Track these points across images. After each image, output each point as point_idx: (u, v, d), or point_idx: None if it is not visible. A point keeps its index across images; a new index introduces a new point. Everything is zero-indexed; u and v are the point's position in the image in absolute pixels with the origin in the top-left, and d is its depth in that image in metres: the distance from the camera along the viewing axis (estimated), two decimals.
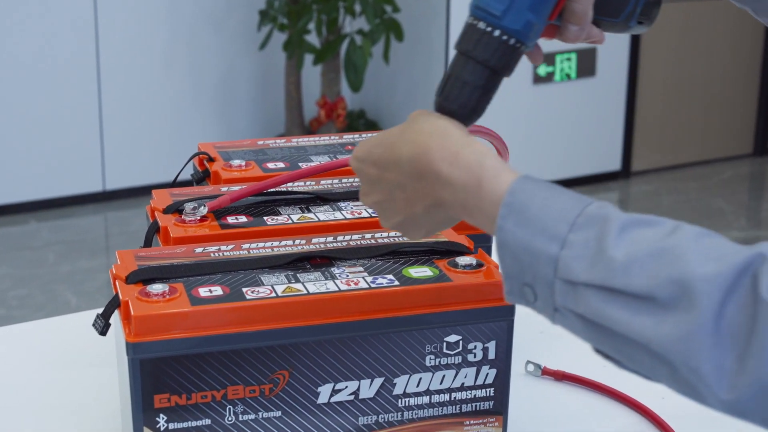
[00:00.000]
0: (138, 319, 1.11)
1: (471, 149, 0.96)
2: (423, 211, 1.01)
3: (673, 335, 0.80)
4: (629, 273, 0.82)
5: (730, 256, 0.81)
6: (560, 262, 0.86)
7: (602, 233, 0.85)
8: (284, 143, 1.63)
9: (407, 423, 1.22)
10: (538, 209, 0.89)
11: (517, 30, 1.02)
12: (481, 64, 1.03)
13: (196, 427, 1.15)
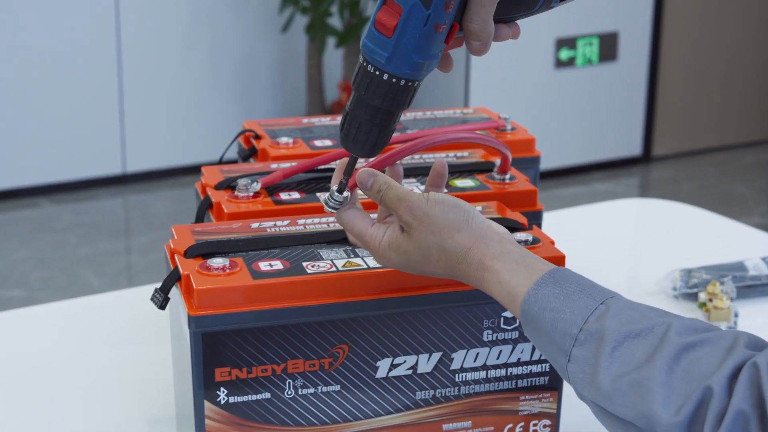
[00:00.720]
0: (200, 293, 1.11)
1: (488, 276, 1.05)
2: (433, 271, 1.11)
3: None
4: (613, 401, 0.93)
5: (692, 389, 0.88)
6: (569, 373, 0.97)
7: (597, 353, 0.94)
8: (329, 121, 1.63)
9: (464, 398, 1.22)
10: (548, 323, 0.99)
11: (405, 72, 1.01)
12: (375, 108, 1.03)
13: (255, 400, 1.15)
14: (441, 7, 0.97)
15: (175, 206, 4.44)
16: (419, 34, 0.98)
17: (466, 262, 1.06)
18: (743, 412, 0.86)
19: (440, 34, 0.99)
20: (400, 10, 0.97)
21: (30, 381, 1.46)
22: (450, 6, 0.97)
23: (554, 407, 1.25)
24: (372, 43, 1.00)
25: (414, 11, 0.97)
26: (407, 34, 0.98)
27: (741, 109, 5.33)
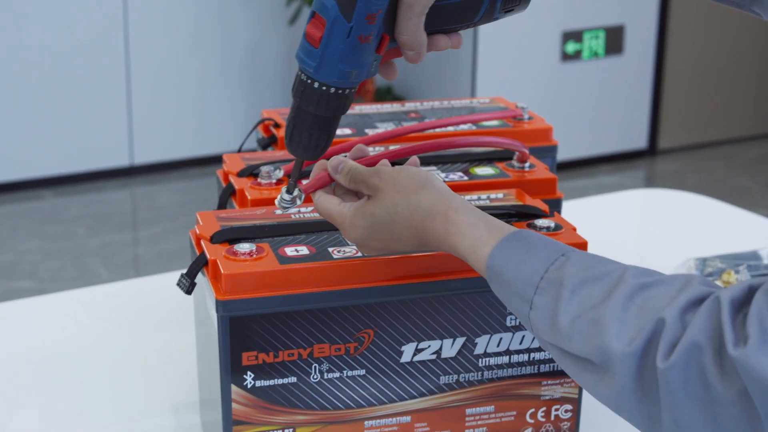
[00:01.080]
0: (228, 278, 1.12)
1: (452, 228, 1.07)
2: (401, 249, 1.13)
3: (607, 394, 0.94)
4: (571, 339, 0.95)
5: (645, 322, 0.91)
6: (532, 321, 0.99)
7: (557, 297, 0.97)
8: (349, 111, 1.63)
9: (487, 383, 1.23)
10: (511, 274, 1.01)
11: (334, 81, 1.05)
12: (312, 114, 1.08)
13: (282, 384, 1.16)
14: (363, 20, 1.02)
15: (183, 198, 4.45)
16: (343, 45, 1.03)
17: (431, 216, 1.08)
18: (697, 343, 0.87)
19: (366, 45, 1.04)
20: (325, 23, 1.02)
21: (53, 368, 1.47)
22: (373, 19, 1.02)
23: (575, 392, 1.26)
24: (303, 54, 1.05)
25: (336, 24, 1.02)
26: (332, 45, 1.03)
27: (746, 102, 5.33)
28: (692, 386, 0.87)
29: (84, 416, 1.37)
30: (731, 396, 0.85)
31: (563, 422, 1.27)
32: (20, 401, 1.39)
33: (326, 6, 1.02)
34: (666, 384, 0.88)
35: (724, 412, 0.87)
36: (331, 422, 1.19)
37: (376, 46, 1.05)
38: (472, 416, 1.24)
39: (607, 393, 0.94)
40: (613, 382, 0.92)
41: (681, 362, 0.88)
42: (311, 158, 1.13)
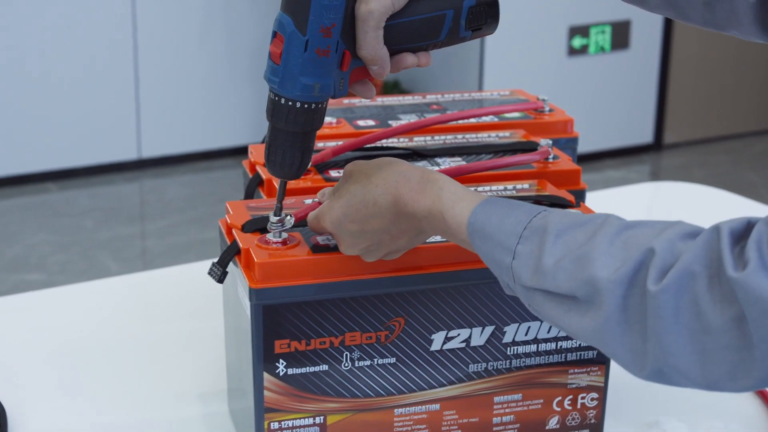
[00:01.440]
0: (261, 266, 1.13)
1: (430, 186, 1.08)
2: (407, 241, 1.12)
3: (591, 327, 0.94)
4: (556, 277, 0.96)
5: (632, 253, 0.92)
6: (514, 270, 0.99)
7: (541, 243, 0.98)
8: (369, 102, 1.65)
9: (515, 371, 1.24)
10: (494, 227, 1.01)
11: (297, 95, 1.08)
12: (284, 131, 1.10)
13: (313, 372, 1.17)
14: (318, 33, 1.05)
15: (191, 191, 4.46)
16: (302, 58, 1.06)
17: (405, 179, 1.09)
18: (692, 271, 0.88)
19: (325, 58, 1.06)
20: (283, 39, 1.06)
21: (77, 359, 1.48)
22: (328, 32, 1.06)
23: (602, 381, 1.28)
24: (269, 72, 1.09)
25: (293, 38, 1.06)
26: (291, 60, 1.06)
27: (751, 97, 5.34)
28: (683, 314, 0.88)
29: (111, 406, 1.38)
30: (723, 323, 0.86)
31: (589, 410, 1.28)
32: (47, 393, 1.40)
33: (282, 23, 1.06)
34: (656, 309, 0.89)
35: (713, 341, 0.87)
36: (361, 410, 1.20)
37: (337, 61, 1.08)
38: (499, 404, 1.25)
39: (591, 327, 0.93)
40: (597, 315, 0.93)
41: (673, 288, 0.88)
42: (290, 177, 1.14)
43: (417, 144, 1.47)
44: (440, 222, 1.06)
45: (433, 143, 1.48)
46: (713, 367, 0.88)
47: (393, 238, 1.11)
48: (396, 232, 1.10)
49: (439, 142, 1.48)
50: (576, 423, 1.28)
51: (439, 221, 1.06)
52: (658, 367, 0.91)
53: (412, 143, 1.48)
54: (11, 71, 4.37)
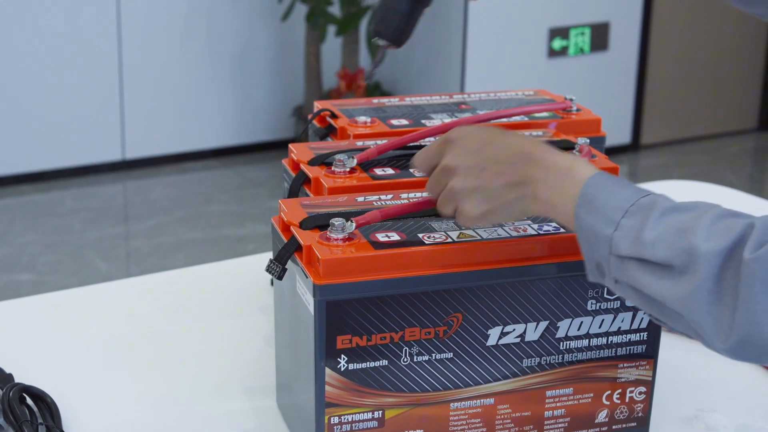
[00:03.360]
0: (326, 263, 1.15)
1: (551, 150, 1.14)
2: (503, 186, 1.13)
3: (681, 294, 0.98)
4: (655, 247, 1.01)
5: (733, 231, 0.97)
6: (613, 241, 1.04)
7: (646, 218, 1.03)
8: (398, 102, 1.67)
9: (567, 365, 1.26)
10: (604, 200, 1.06)
11: None
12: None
13: (373, 367, 1.19)
14: None
15: (176, 191, 4.46)
16: None
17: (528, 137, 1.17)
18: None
19: None
20: None
21: (122, 354, 1.49)
22: None
23: (650, 375, 1.30)
24: None
25: None
26: None
27: (728, 98, 5.41)
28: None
29: (158, 401, 1.39)
30: None
31: (637, 404, 1.31)
32: (95, 388, 1.41)
33: None
34: (748, 277, 0.93)
35: None
36: (418, 404, 1.22)
37: None
38: (551, 398, 1.27)
39: (681, 294, 0.98)
40: (690, 282, 0.98)
41: (767, 257, 0.93)
42: (395, 41, 1.27)
43: None
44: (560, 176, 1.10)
45: None
46: None
47: (495, 174, 1.13)
48: (503, 167, 1.13)
49: None
50: (624, 416, 1.31)
51: (560, 175, 1.10)
52: (742, 339, 0.94)
53: None
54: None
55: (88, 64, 4.50)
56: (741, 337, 0.95)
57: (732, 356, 0.98)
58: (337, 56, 4.83)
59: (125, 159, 4.64)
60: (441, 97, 1.70)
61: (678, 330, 1.04)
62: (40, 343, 1.51)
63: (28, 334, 1.53)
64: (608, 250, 1.05)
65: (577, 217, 1.07)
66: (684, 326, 1.01)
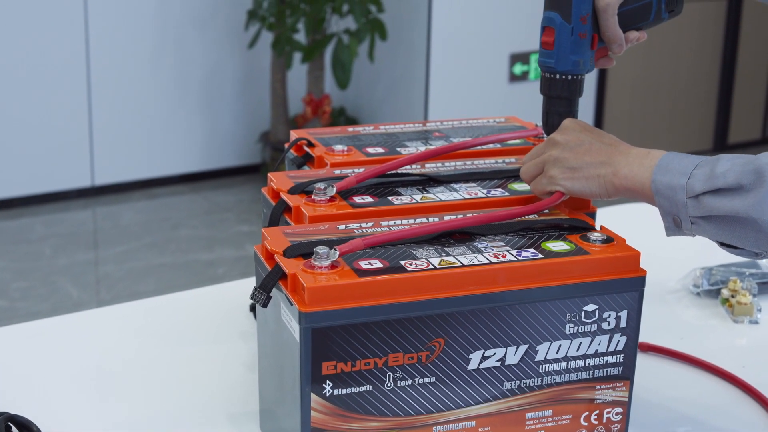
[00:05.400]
0: (311, 290, 1.17)
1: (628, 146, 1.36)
2: (590, 162, 1.34)
3: (752, 202, 1.18)
4: (726, 176, 1.20)
5: None
6: (688, 187, 1.24)
7: (715, 164, 1.23)
8: (373, 130, 1.70)
9: (545, 388, 1.29)
10: (677, 164, 1.26)
11: (569, 69, 1.46)
12: (558, 98, 1.48)
13: (358, 392, 1.21)
14: (579, 21, 1.44)
15: (145, 217, 4.47)
16: (570, 41, 1.44)
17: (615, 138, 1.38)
18: None
19: (585, 40, 1.45)
20: (554, 30, 1.44)
21: (105, 380, 1.50)
22: (585, 20, 1.44)
23: (626, 396, 1.33)
24: (543, 58, 1.47)
25: (562, 28, 1.44)
26: (562, 43, 1.44)
27: (686, 119, 5.48)
28: None
29: (143, 427, 1.40)
30: None
31: (614, 424, 1.34)
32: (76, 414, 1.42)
33: (551, 18, 1.44)
34: None
35: None
36: (402, 428, 1.25)
37: (590, 42, 1.44)
38: (531, 420, 1.30)
39: (752, 202, 1.17)
40: (759, 192, 1.17)
41: None
42: None
43: (431, 170, 1.53)
44: (640, 158, 1.30)
45: (445, 169, 1.54)
46: None
47: (586, 151, 1.35)
48: (594, 147, 1.35)
49: (451, 168, 1.54)
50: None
51: (640, 158, 1.30)
52: None
53: (425, 170, 1.53)
54: None
55: (56, 92, 4.50)
56: None
57: None
58: (303, 82, 4.87)
59: (94, 185, 4.65)
60: (414, 125, 1.73)
61: (749, 247, 1.23)
62: (23, 371, 1.52)
63: (10, 363, 1.54)
64: (684, 195, 1.23)
65: (654, 180, 1.26)
66: (753, 237, 1.20)
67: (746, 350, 1.62)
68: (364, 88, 4.99)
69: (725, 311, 1.73)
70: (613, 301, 1.28)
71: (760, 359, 1.58)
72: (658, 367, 1.55)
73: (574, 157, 1.36)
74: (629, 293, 1.29)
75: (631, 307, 1.29)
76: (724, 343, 1.64)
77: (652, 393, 1.47)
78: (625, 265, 1.28)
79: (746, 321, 1.70)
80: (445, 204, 1.42)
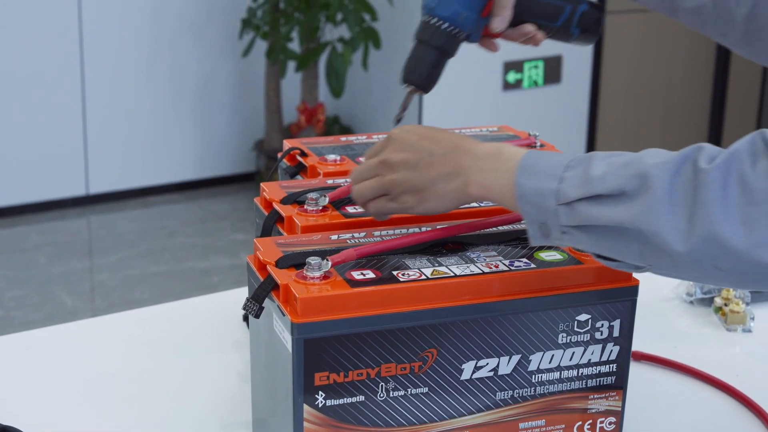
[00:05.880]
0: (303, 301, 1.17)
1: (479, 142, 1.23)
2: (436, 176, 1.22)
3: (638, 212, 1.05)
4: (605, 180, 1.08)
5: (677, 153, 1.07)
6: (559, 192, 1.11)
7: (588, 164, 1.11)
8: (366, 139, 1.70)
9: (539, 398, 1.29)
10: (543, 164, 1.14)
11: (448, 16, 1.36)
12: (428, 45, 1.38)
13: (350, 403, 1.21)
14: None
15: (140, 225, 4.47)
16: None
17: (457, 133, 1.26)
18: (739, 151, 1.03)
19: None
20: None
21: (101, 391, 1.50)
22: None
23: (619, 405, 1.33)
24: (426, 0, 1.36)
25: None
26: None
27: (678, 127, 5.49)
28: (731, 189, 1.02)
29: None
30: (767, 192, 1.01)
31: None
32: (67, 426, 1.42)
33: None
34: (706, 184, 1.02)
35: (758, 210, 1.01)
36: None
37: (482, 4, 1.36)
38: (524, 430, 1.30)
39: (637, 212, 1.05)
40: (645, 199, 1.05)
41: (722, 166, 1.02)
42: (422, 86, 1.41)
43: None
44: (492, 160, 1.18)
45: None
46: (756, 235, 1.01)
47: (430, 165, 1.22)
48: (437, 159, 1.22)
49: None
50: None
51: (492, 160, 1.18)
52: (703, 239, 1.02)
53: None
54: None
55: (51, 100, 4.50)
56: (701, 238, 1.02)
57: (690, 258, 1.04)
58: (297, 91, 4.87)
59: (89, 194, 4.65)
60: None
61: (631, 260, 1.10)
62: (16, 382, 1.52)
63: (2, 373, 1.54)
64: (555, 202, 1.11)
65: (518, 185, 1.14)
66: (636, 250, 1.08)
67: (740, 359, 1.63)
68: (359, 97, 4.99)
69: (718, 320, 1.73)
70: (606, 310, 1.28)
71: (753, 368, 1.59)
72: (651, 376, 1.55)
73: (418, 176, 1.23)
74: (622, 302, 1.29)
75: (624, 317, 1.29)
76: (717, 351, 1.64)
77: (646, 402, 1.47)
78: (618, 274, 1.28)
79: (739, 329, 1.70)
80: None
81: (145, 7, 4.64)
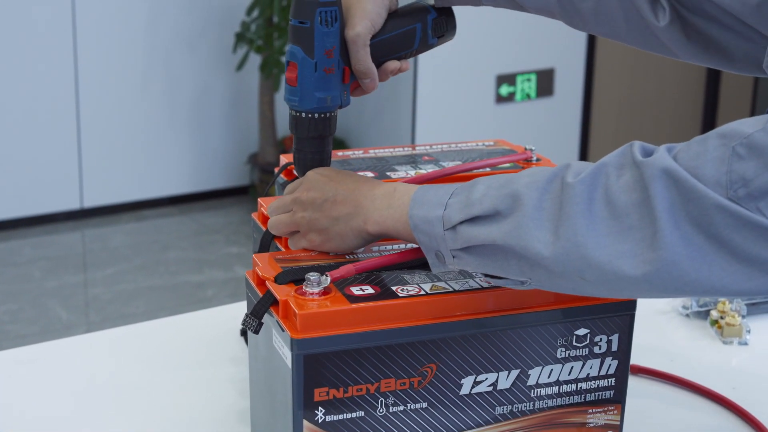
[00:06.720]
0: (303, 317, 1.17)
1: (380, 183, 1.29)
2: (337, 216, 1.28)
3: (509, 229, 1.10)
4: (483, 202, 1.13)
5: (548, 171, 1.12)
6: (444, 218, 1.16)
7: (471, 189, 1.16)
8: (362, 154, 1.70)
9: (537, 412, 1.30)
10: (432, 195, 1.20)
11: (314, 108, 1.35)
12: (307, 138, 1.38)
13: (350, 418, 1.22)
14: (323, 55, 1.33)
15: (134, 239, 4.47)
16: (314, 77, 1.33)
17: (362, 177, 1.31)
18: (605, 165, 1.08)
19: (331, 75, 1.34)
20: (296, 65, 1.33)
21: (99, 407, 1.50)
22: (330, 53, 1.33)
23: (618, 419, 1.34)
24: (288, 95, 1.35)
25: (304, 63, 1.33)
26: (305, 80, 1.33)
27: (671, 139, 5.49)
28: (596, 202, 1.06)
29: None
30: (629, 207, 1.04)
31: None
32: None
33: (294, 52, 1.32)
34: (572, 197, 1.06)
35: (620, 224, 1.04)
36: None
37: (340, 77, 1.34)
38: None
39: (508, 229, 1.10)
40: (515, 217, 1.10)
41: (588, 180, 1.07)
42: None
43: None
44: (387, 198, 1.24)
45: None
46: (618, 247, 1.04)
47: (334, 204, 1.28)
48: (340, 198, 1.27)
49: None
50: None
51: (387, 198, 1.24)
52: (567, 249, 1.06)
53: None
54: None
55: (45, 114, 4.50)
56: (566, 249, 1.06)
57: (558, 269, 1.08)
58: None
59: (83, 207, 4.65)
60: (404, 149, 1.73)
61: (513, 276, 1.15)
62: (10, 397, 1.52)
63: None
64: (442, 228, 1.16)
65: (411, 216, 1.19)
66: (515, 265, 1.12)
67: (736, 372, 1.63)
68: (352, 110, 5.00)
69: (714, 333, 1.73)
70: (605, 324, 1.29)
71: (750, 381, 1.59)
72: (648, 390, 1.55)
73: (323, 217, 1.29)
74: (620, 317, 1.29)
75: (623, 331, 1.30)
76: (714, 364, 1.64)
77: (644, 416, 1.48)
78: None
79: (735, 342, 1.71)
80: None
81: (139, 21, 4.65)
